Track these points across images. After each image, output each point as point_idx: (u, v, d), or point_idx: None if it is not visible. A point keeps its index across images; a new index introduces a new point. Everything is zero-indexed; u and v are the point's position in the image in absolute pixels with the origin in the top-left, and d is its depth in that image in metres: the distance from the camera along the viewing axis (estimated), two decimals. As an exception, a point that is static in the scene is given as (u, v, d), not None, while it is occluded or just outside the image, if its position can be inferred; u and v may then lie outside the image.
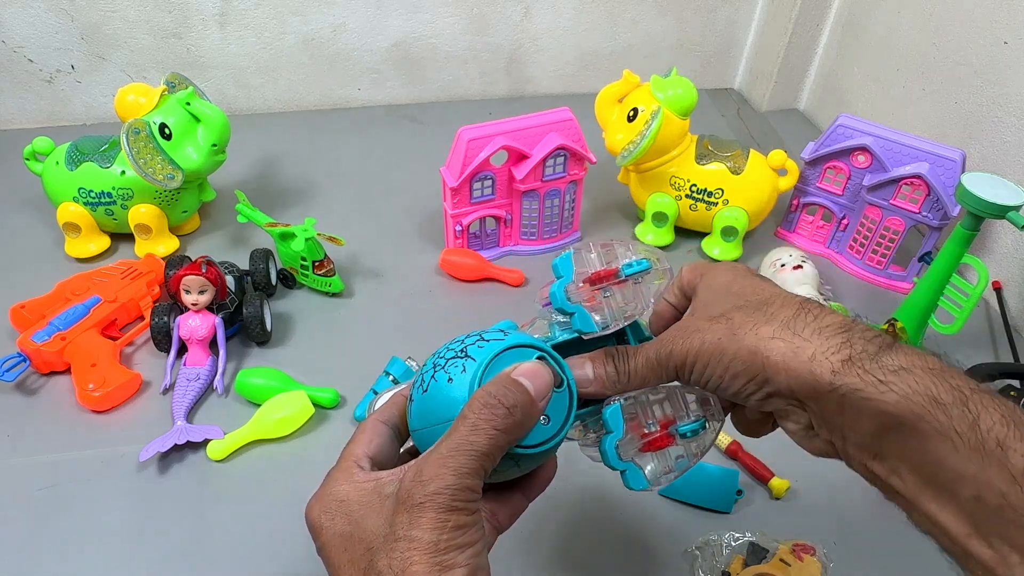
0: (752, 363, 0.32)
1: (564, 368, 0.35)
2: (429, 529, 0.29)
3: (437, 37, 1.18)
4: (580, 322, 0.38)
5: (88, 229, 0.86)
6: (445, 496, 0.29)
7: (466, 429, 0.30)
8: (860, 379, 0.30)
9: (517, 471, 0.35)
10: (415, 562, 0.28)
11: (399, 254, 0.89)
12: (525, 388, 0.32)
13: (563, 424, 0.34)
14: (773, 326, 0.32)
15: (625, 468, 0.36)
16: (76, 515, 0.61)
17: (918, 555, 0.59)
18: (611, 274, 0.38)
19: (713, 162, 0.86)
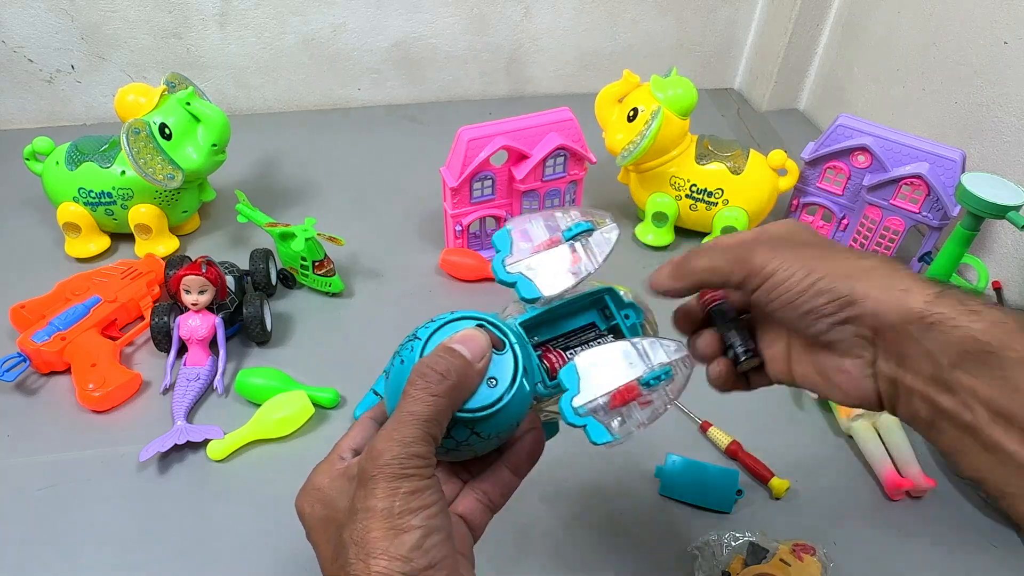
0: (842, 284, 0.33)
1: (507, 332, 0.36)
2: (383, 498, 0.30)
3: (437, 37, 1.18)
4: (524, 290, 0.39)
5: (88, 229, 0.86)
6: (394, 466, 0.30)
7: (406, 401, 0.32)
8: (952, 308, 0.31)
9: (481, 441, 0.35)
10: (372, 529, 0.30)
11: (399, 254, 0.89)
12: (458, 353, 0.33)
13: (510, 385, 0.35)
14: (871, 262, 0.34)
15: (584, 423, 0.36)
16: (76, 515, 0.61)
17: (918, 555, 0.59)
18: (554, 241, 0.40)
19: (713, 162, 0.86)
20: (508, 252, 0.39)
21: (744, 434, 0.66)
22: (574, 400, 0.36)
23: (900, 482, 0.62)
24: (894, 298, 0.32)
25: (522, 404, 0.36)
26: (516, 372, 0.35)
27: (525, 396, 0.36)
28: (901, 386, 0.34)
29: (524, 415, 0.37)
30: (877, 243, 0.86)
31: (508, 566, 0.58)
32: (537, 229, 0.40)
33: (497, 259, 0.39)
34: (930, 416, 0.33)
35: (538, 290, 0.38)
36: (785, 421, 0.70)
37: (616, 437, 0.36)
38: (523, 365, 0.36)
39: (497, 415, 0.34)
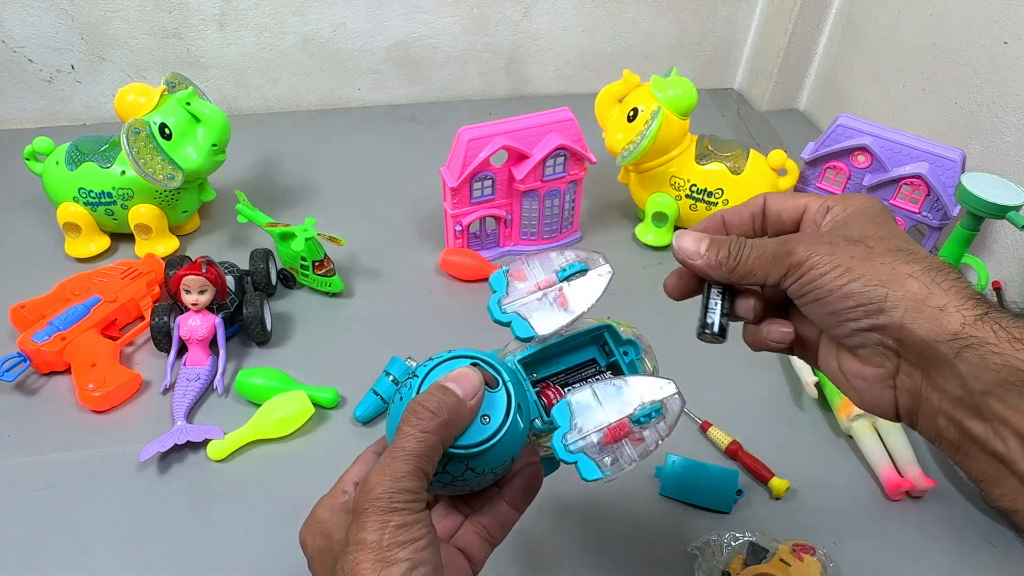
0: (874, 291, 0.32)
1: (500, 371, 0.37)
2: (373, 531, 0.31)
3: (437, 37, 1.18)
4: (519, 329, 0.40)
5: (88, 229, 0.86)
6: (384, 500, 0.31)
7: (399, 437, 0.33)
8: (994, 334, 0.30)
9: (476, 476, 0.36)
10: (361, 560, 0.31)
11: (399, 254, 0.89)
12: (450, 391, 0.34)
13: (502, 422, 0.36)
14: (914, 267, 0.32)
15: (575, 460, 0.37)
16: (76, 515, 0.61)
17: (918, 555, 0.59)
18: (550, 282, 0.41)
19: (713, 162, 0.86)
20: (504, 292, 0.41)
21: (744, 434, 0.66)
22: (565, 437, 0.38)
23: (900, 482, 0.62)
24: (927, 314, 0.31)
25: (516, 440, 0.37)
26: (509, 409, 0.36)
27: (519, 433, 0.37)
28: (924, 403, 0.33)
29: (520, 451, 0.38)
30: (877, 243, 0.86)
31: (508, 566, 0.58)
32: (533, 269, 0.42)
33: (493, 299, 0.41)
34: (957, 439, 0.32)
35: (532, 329, 0.39)
36: (785, 421, 0.70)
37: (607, 474, 0.37)
38: (516, 402, 0.37)
39: (490, 451, 0.35)
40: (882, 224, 0.36)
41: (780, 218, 0.40)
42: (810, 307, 0.35)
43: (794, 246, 0.35)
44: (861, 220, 0.36)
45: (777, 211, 0.40)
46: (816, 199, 0.39)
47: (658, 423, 0.39)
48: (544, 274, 0.41)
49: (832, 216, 0.38)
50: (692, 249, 0.38)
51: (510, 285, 0.41)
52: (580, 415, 0.38)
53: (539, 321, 0.40)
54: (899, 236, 0.35)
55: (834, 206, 0.38)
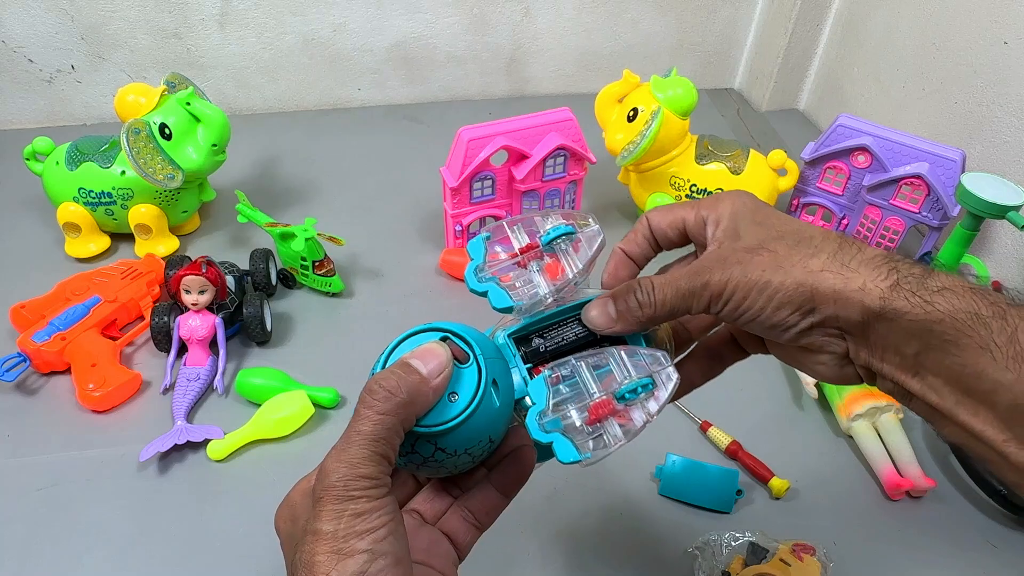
0: (799, 294, 0.33)
1: (472, 345, 0.34)
2: (328, 520, 0.29)
3: (437, 37, 1.18)
4: (495, 300, 0.37)
5: (88, 229, 0.86)
6: (338, 487, 0.30)
7: (355, 419, 0.31)
8: (907, 301, 0.32)
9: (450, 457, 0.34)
10: (317, 552, 0.29)
11: (399, 254, 0.89)
12: (412, 368, 0.32)
13: (471, 400, 0.33)
14: (821, 259, 0.34)
15: (551, 440, 0.34)
16: (76, 515, 0.61)
17: (918, 555, 0.59)
18: (532, 247, 0.38)
19: (713, 162, 0.86)
20: (481, 260, 0.38)
21: (744, 434, 0.66)
22: (542, 415, 0.34)
23: (900, 482, 0.62)
24: (854, 299, 0.33)
25: (492, 420, 0.34)
26: (479, 386, 0.33)
27: (494, 411, 0.34)
28: (877, 370, 0.35)
29: (500, 431, 0.35)
30: (877, 243, 0.86)
31: (507, 566, 0.58)
32: (516, 235, 0.38)
33: (470, 267, 0.38)
34: (903, 396, 0.34)
35: (510, 299, 0.36)
36: (785, 421, 0.70)
37: (586, 456, 0.34)
38: (491, 379, 0.34)
39: (458, 430, 0.33)
40: (765, 220, 0.37)
41: (667, 235, 0.40)
42: (746, 326, 0.36)
43: (706, 277, 0.35)
44: (746, 223, 0.37)
45: (661, 228, 0.40)
46: (689, 209, 0.39)
47: (647, 400, 0.35)
48: (527, 239, 0.38)
49: (715, 226, 0.38)
50: (604, 321, 0.37)
51: (490, 252, 0.38)
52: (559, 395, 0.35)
53: (519, 291, 0.37)
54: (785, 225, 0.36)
55: (709, 214, 0.38)
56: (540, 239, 0.38)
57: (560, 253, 0.38)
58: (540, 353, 0.38)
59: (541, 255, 0.38)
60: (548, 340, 0.38)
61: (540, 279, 0.37)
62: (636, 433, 0.35)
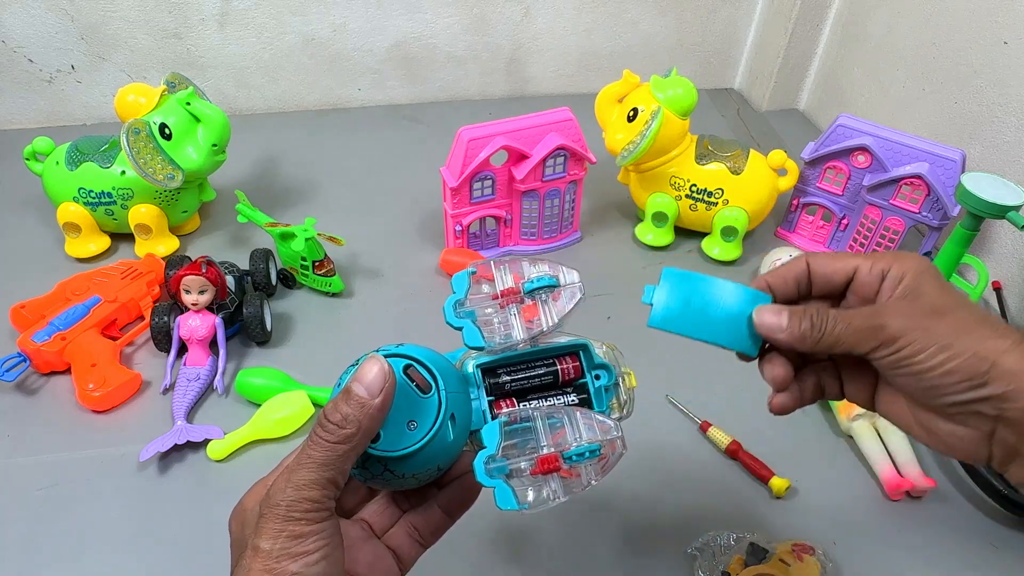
0: (976, 364, 0.33)
1: (437, 377, 0.35)
2: (267, 538, 0.31)
3: (437, 37, 1.18)
4: (468, 337, 0.37)
5: (88, 229, 0.86)
6: (281, 508, 0.31)
7: (308, 443, 0.32)
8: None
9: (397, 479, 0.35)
10: (252, 569, 0.30)
11: (399, 254, 0.89)
12: (354, 398, 0.32)
13: (428, 430, 0.34)
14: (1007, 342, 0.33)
15: (494, 485, 0.35)
16: (76, 515, 0.61)
17: (918, 555, 0.59)
18: (513, 292, 0.38)
19: (713, 162, 0.86)
20: (463, 295, 0.39)
21: (744, 434, 0.66)
22: (490, 459, 0.35)
23: (900, 482, 0.62)
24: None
25: (444, 450, 0.35)
26: (437, 419, 0.34)
27: (448, 444, 0.35)
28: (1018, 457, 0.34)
29: (453, 459, 0.37)
30: (877, 243, 0.86)
31: (506, 565, 0.58)
32: (501, 275, 0.39)
33: (449, 300, 0.38)
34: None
35: (482, 339, 0.37)
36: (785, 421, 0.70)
37: (523, 507, 0.35)
38: (450, 412, 0.35)
39: (412, 458, 0.34)
40: (949, 290, 0.36)
41: (830, 281, 0.39)
42: (904, 380, 0.35)
43: (886, 320, 0.35)
44: (931, 286, 0.36)
45: (825, 274, 0.39)
46: (865, 260, 0.38)
47: (592, 464, 0.36)
48: (511, 283, 0.39)
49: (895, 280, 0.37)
50: (775, 323, 0.37)
51: (473, 288, 0.39)
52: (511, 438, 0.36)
53: (493, 332, 0.38)
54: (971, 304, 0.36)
55: (890, 269, 0.37)
56: (523, 286, 0.38)
57: (539, 302, 0.39)
58: (504, 389, 0.39)
59: (521, 299, 0.38)
60: (514, 378, 0.39)
61: (517, 323, 0.38)
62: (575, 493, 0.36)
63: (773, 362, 0.40)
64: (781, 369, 0.40)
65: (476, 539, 0.59)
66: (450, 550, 0.59)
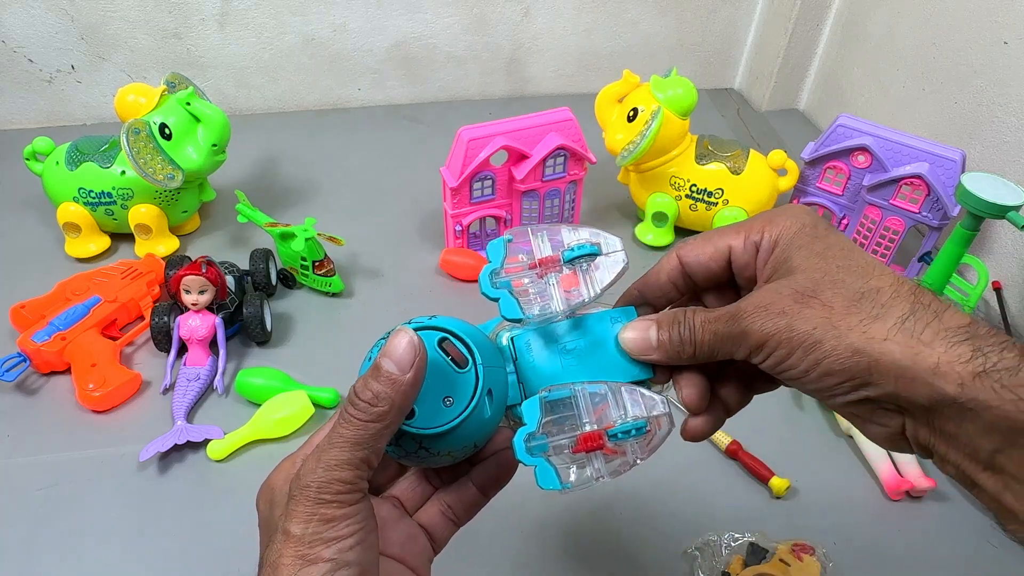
0: (853, 364, 0.28)
1: (473, 350, 0.34)
2: (298, 523, 0.29)
3: (437, 37, 1.18)
4: (506, 309, 0.35)
5: (88, 229, 0.86)
6: (312, 490, 0.29)
7: (339, 421, 0.30)
8: (996, 394, 0.27)
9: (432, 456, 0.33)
10: (284, 554, 0.29)
11: (399, 254, 0.89)
12: (382, 371, 0.30)
13: (464, 408, 0.33)
14: (886, 324, 0.28)
15: (536, 464, 0.33)
16: (76, 515, 0.61)
17: (918, 555, 0.59)
18: (552, 260, 0.36)
19: (713, 162, 0.86)
20: (499, 264, 0.36)
21: (744, 434, 0.66)
22: (530, 436, 0.33)
23: (900, 482, 0.62)
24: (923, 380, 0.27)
25: (481, 427, 0.34)
26: (474, 396, 0.33)
27: (485, 420, 0.34)
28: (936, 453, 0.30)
29: (488, 436, 0.35)
30: (877, 243, 0.86)
31: (506, 565, 0.58)
32: (539, 243, 0.37)
33: (486, 270, 0.36)
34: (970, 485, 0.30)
35: (520, 311, 0.35)
36: (785, 421, 0.70)
37: (566, 486, 0.33)
38: (486, 388, 0.33)
39: (449, 435, 0.33)
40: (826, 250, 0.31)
41: (709, 271, 0.35)
42: (789, 384, 0.32)
43: (744, 325, 0.31)
44: (804, 252, 0.31)
45: (700, 263, 0.35)
46: (737, 236, 0.34)
47: (637, 442, 0.34)
48: (550, 250, 0.36)
49: (768, 252, 0.33)
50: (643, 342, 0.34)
51: (507, 257, 0.37)
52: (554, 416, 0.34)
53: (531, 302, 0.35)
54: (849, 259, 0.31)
55: (762, 236, 0.33)
56: (563, 254, 0.36)
57: (580, 271, 0.36)
58: None
59: (560, 268, 0.36)
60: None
61: (556, 294, 0.36)
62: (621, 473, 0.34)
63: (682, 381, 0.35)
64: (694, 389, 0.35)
65: (475, 539, 0.59)
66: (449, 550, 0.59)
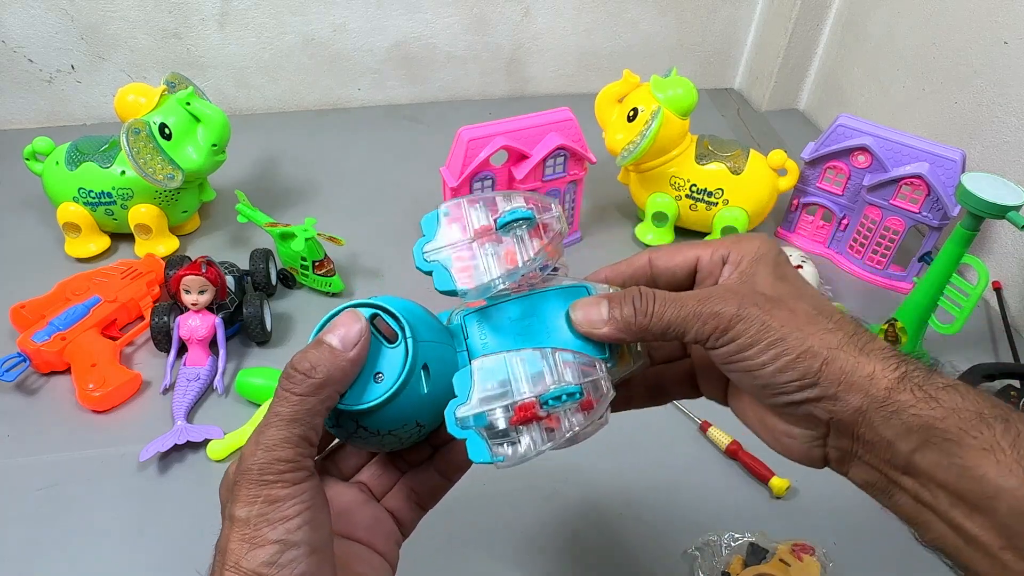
0: (809, 364, 0.31)
1: (404, 325, 0.33)
2: (242, 506, 0.29)
3: (437, 37, 1.18)
4: (439, 282, 0.34)
5: (88, 229, 0.86)
6: (253, 472, 0.29)
7: (274, 401, 0.30)
8: (912, 395, 0.30)
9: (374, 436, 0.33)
10: (231, 539, 0.29)
11: (399, 254, 0.89)
12: (324, 343, 0.31)
13: (395, 383, 0.32)
14: (838, 337, 0.32)
15: (465, 436, 0.32)
16: (76, 515, 0.61)
17: (917, 555, 0.59)
18: (487, 229, 0.35)
19: (713, 162, 0.86)
20: (432, 237, 0.35)
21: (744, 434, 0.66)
22: (458, 409, 0.32)
23: (900, 482, 0.62)
24: (858, 384, 0.31)
25: (422, 404, 0.33)
26: (403, 369, 0.32)
27: (422, 396, 0.33)
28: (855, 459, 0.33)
29: (435, 416, 0.34)
30: (877, 243, 0.86)
31: (506, 566, 0.58)
32: (475, 214, 0.35)
33: (419, 244, 0.35)
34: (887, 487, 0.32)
35: (453, 283, 0.34)
36: (785, 421, 0.70)
37: (498, 459, 0.32)
38: (420, 362, 0.32)
39: (379, 412, 0.32)
40: (785, 276, 0.35)
41: (673, 275, 0.37)
42: (737, 376, 0.33)
43: (718, 307, 0.32)
44: (767, 271, 0.35)
45: (667, 267, 0.37)
46: (706, 248, 0.37)
47: (573, 411, 0.32)
48: (486, 220, 0.35)
49: (734, 266, 0.35)
50: (595, 316, 0.34)
51: (442, 230, 0.35)
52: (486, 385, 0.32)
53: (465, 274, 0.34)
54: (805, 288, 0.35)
55: (730, 253, 0.36)
56: (495, 220, 0.35)
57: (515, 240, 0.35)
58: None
59: (499, 239, 0.35)
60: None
61: (492, 263, 0.34)
62: (560, 444, 0.32)
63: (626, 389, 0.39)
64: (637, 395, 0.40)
65: (475, 539, 0.59)
66: (448, 549, 0.59)
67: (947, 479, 0.30)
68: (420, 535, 0.39)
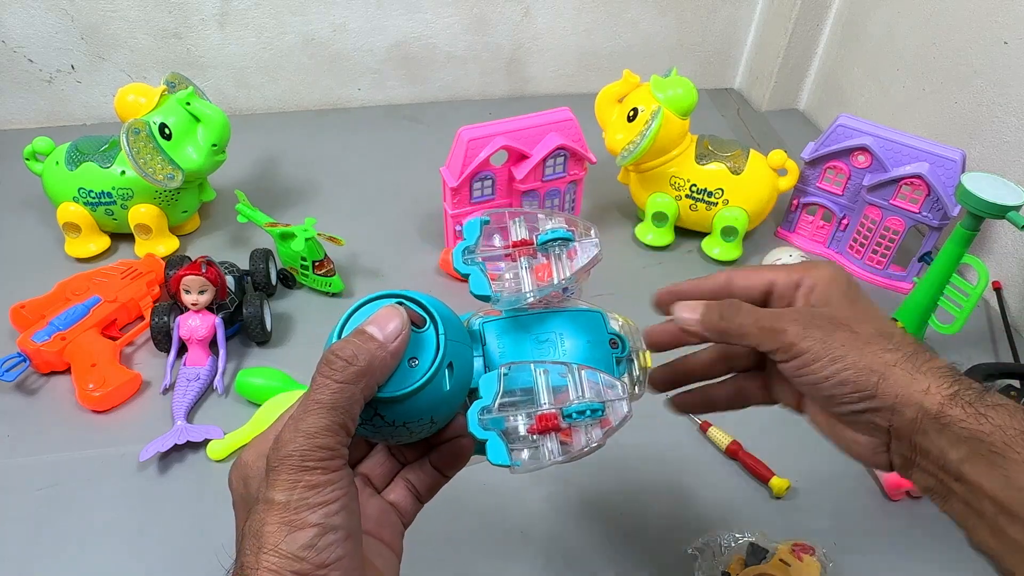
0: (867, 380, 0.35)
1: (430, 309, 0.34)
2: (282, 490, 0.29)
3: (437, 37, 1.18)
4: (475, 285, 0.36)
5: (88, 229, 0.86)
6: (295, 458, 0.29)
7: (313, 388, 0.31)
8: (963, 410, 0.33)
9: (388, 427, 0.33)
10: (268, 522, 0.29)
11: (399, 254, 0.89)
12: (368, 335, 0.32)
13: (431, 364, 0.33)
14: (896, 356, 0.35)
15: (486, 438, 0.33)
16: (76, 515, 0.61)
17: (918, 555, 0.59)
18: (526, 244, 0.37)
19: (713, 162, 0.86)
20: (474, 243, 0.37)
21: (744, 434, 0.66)
22: (485, 410, 0.34)
23: (900, 482, 0.62)
24: (913, 398, 0.34)
25: (441, 400, 0.34)
26: (437, 356, 0.33)
27: (445, 393, 0.33)
28: (915, 465, 0.36)
29: (445, 414, 0.35)
30: (877, 243, 0.86)
31: (507, 565, 0.58)
32: (515, 227, 0.37)
33: (459, 247, 0.37)
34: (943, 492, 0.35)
35: (489, 288, 0.35)
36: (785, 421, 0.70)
37: (516, 464, 0.33)
38: (448, 356, 0.33)
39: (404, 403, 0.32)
40: (856, 299, 0.39)
41: (751, 295, 0.41)
42: (805, 387, 0.37)
43: (787, 325, 0.36)
44: (838, 296, 0.38)
45: (748, 287, 0.41)
46: (783, 273, 0.40)
47: (593, 426, 0.34)
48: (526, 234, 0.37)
49: (809, 290, 0.39)
50: (690, 316, 0.39)
51: (484, 237, 0.37)
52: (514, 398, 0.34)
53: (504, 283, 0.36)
54: (872, 311, 0.38)
55: (804, 278, 0.39)
56: (536, 237, 0.37)
57: (553, 257, 0.37)
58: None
59: (534, 253, 0.37)
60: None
61: (526, 276, 0.36)
62: (575, 456, 0.34)
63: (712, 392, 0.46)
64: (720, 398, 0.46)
65: (473, 537, 0.59)
66: (448, 548, 0.59)
67: (992, 488, 0.32)
68: (419, 531, 0.40)
